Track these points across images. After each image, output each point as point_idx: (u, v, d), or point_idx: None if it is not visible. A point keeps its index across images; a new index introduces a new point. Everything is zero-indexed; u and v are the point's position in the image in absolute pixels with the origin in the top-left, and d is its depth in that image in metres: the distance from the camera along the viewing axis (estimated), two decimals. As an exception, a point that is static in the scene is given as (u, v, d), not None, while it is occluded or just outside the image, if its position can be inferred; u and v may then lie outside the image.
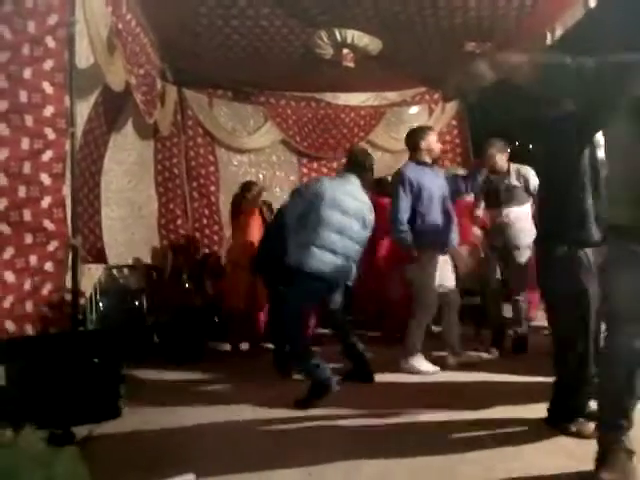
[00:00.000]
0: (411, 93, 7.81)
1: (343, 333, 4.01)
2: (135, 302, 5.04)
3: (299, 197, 3.66)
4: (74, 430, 2.73)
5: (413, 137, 4.28)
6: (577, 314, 2.59)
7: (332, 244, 3.48)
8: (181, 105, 7.04)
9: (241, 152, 7.51)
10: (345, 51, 5.71)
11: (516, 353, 4.55)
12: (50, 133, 3.49)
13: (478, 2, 5.00)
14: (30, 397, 2.88)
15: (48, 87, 3.49)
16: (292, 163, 7.72)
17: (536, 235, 2.99)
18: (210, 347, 5.23)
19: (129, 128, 5.98)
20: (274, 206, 5.52)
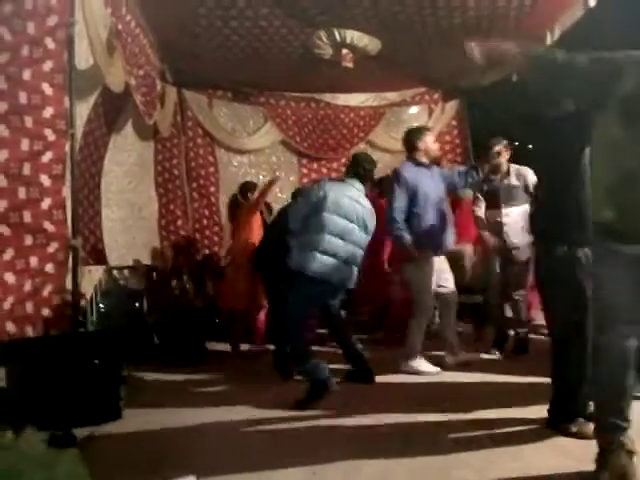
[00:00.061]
0: (411, 93, 7.80)
1: (341, 334, 4.02)
2: (135, 303, 5.04)
3: (303, 200, 3.66)
4: (75, 432, 2.74)
5: (410, 137, 4.29)
6: (576, 314, 2.59)
7: (334, 248, 3.48)
8: (181, 106, 7.03)
9: (241, 153, 7.50)
10: (344, 51, 5.71)
11: (517, 354, 4.55)
12: (50, 134, 3.49)
13: (477, 2, 4.99)
14: (31, 399, 2.89)
15: (48, 88, 3.48)
16: (292, 164, 7.71)
17: (535, 235, 2.99)
18: (211, 348, 5.23)
19: (129, 129, 5.98)
20: (274, 206, 5.52)
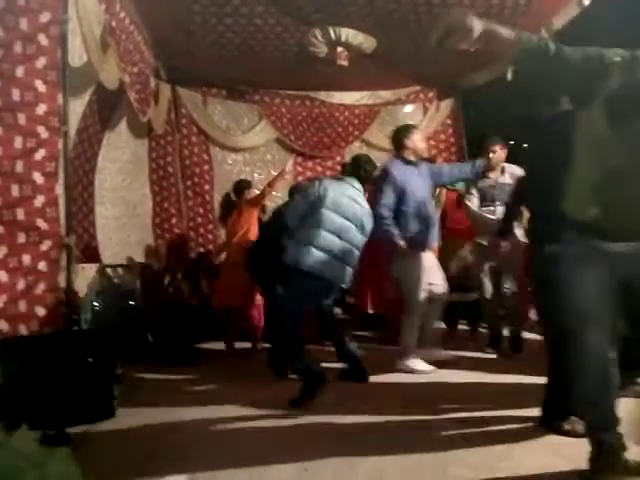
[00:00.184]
0: (405, 92, 7.81)
1: (335, 333, 4.01)
2: (129, 302, 5.02)
3: (301, 197, 3.66)
4: (68, 430, 2.72)
5: (398, 135, 4.30)
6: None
7: (330, 245, 3.48)
8: (175, 103, 7.01)
9: (235, 151, 7.49)
10: (339, 49, 5.71)
11: (512, 352, 4.56)
12: (43, 132, 3.47)
13: (472, 0, 5.00)
14: (24, 397, 2.87)
15: (41, 85, 3.47)
16: (286, 162, 7.69)
17: (528, 234, 2.99)
18: (205, 347, 5.22)
19: (123, 126, 5.96)
20: (268, 204, 5.50)
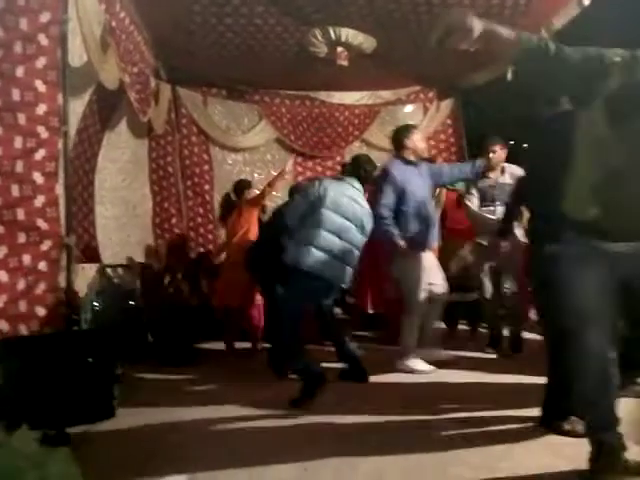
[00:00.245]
0: (406, 92, 7.81)
1: (335, 333, 4.01)
2: (129, 302, 5.02)
3: (301, 197, 3.66)
4: (68, 430, 2.72)
5: (398, 135, 4.29)
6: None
7: (330, 245, 3.47)
8: (175, 103, 7.01)
9: (235, 151, 7.49)
10: (339, 49, 5.71)
11: (512, 352, 4.56)
12: (43, 132, 3.47)
13: (472, 0, 5.00)
14: (24, 397, 2.87)
15: (41, 85, 3.47)
16: (286, 162, 7.68)
17: (528, 234, 2.99)
18: (205, 347, 5.22)
19: (123, 126, 5.96)
20: (268, 204, 5.49)
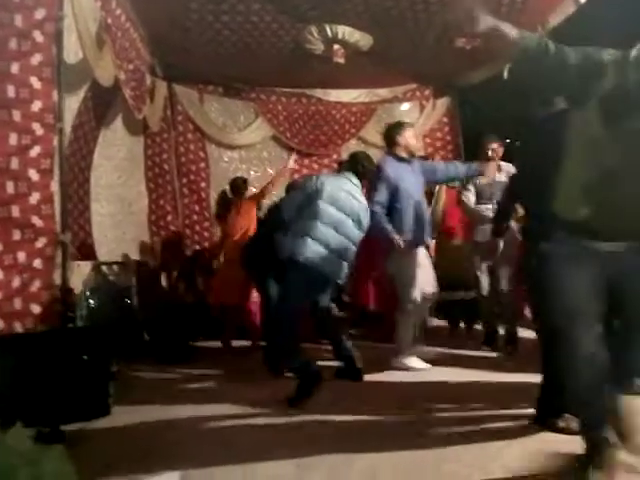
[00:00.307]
0: (402, 89, 7.81)
1: (332, 331, 4.01)
2: (125, 299, 5.02)
3: (299, 191, 3.66)
4: (63, 428, 2.72)
5: (390, 132, 4.28)
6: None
7: (327, 238, 3.47)
8: (171, 101, 6.99)
9: (232, 148, 7.48)
10: (336, 47, 5.70)
11: (507, 349, 4.56)
12: (38, 128, 3.46)
13: (468, -2, 5.00)
14: (19, 394, 2.87)
15: (36, 82, 3.45)
16: (283, 159, 7.67)
17: (522, 233, 2.99)
18: (201, 344, 5.22)
19: (118, 123, 5.95)
20: (265, 202, 5.49)
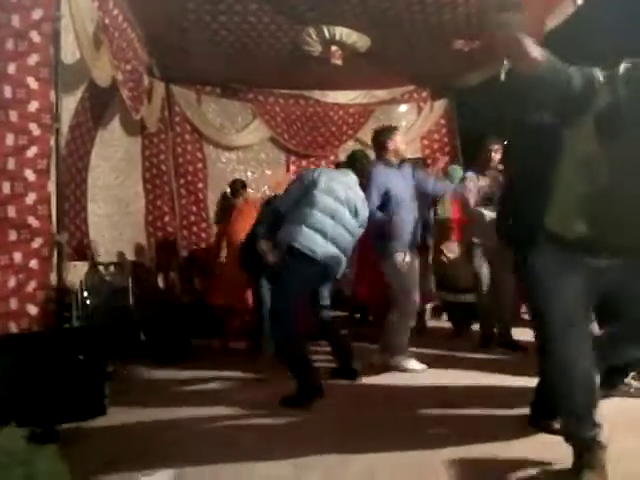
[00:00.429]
0: (400, 91, 7.81)
1: (329, 330, 4.01)
2: (121, 299, 5.01)
3: (296, 183, 3.67)
4: (58, 428, 2.72)
5: (379, 137, 4.22)
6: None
7: (324, 226, 3.47)
8: (168, 101, 6.99)
9: (229, 149, 7.48)
10: (333, 48, 5.70)
11: (503, 350, 4.56)
12: (35, 129, 3.45)
13: (466, 0, 5.00)
14: (15, 394, 2.86)
15: (33, 82, 3.45)
16: (280, 161, 7.70)
17: (513, 243, 3.00)
18: (198, 344, 5.21)
19: (116, 124, 5.95)
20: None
